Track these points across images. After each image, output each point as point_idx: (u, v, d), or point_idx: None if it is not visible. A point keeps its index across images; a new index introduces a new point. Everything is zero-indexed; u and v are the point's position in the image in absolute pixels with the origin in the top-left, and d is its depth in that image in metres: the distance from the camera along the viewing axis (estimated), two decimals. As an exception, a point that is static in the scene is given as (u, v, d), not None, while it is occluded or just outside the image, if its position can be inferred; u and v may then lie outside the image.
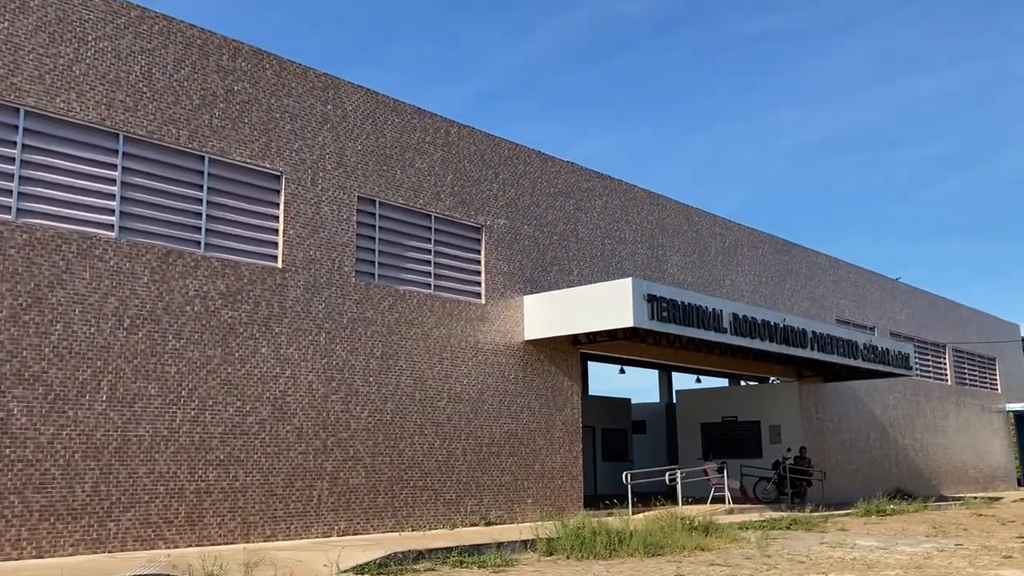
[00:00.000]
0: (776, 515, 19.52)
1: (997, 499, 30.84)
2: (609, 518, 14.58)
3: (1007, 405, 40.10)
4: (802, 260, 27.88)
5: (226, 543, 13.02)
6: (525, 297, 18.56)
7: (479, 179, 18.12)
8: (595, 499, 21.32)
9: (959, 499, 29.16)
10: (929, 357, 34.82)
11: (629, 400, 32.81)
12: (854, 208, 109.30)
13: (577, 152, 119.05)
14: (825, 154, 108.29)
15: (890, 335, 31.98)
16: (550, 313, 18.14)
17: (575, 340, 19.44)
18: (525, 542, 13.13)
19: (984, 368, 39.27)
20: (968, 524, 19.56)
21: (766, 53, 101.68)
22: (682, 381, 37.64)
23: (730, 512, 20.30)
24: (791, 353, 21.03)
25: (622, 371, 29.36)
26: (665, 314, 17.43)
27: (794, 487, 24.14)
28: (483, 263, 17.95)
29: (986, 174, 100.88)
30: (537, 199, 19.35)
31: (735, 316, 19.18)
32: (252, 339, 13.92)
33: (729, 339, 19.06)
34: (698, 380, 32.56)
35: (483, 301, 17.80)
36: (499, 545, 12.59)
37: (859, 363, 23.44)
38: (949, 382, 35.73)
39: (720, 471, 22.40)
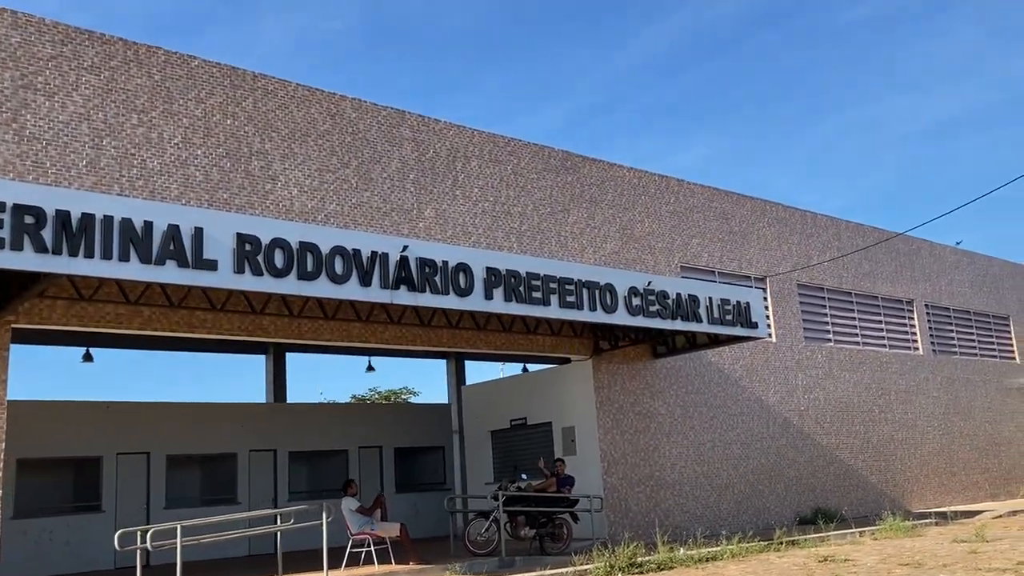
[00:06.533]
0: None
1: (972, 515, 20.79)
2: None
3: (1039, 378, 29.50)
4: (604, 182, 18.74)
5: None
6: None
7: None
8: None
9: (924, 516, 19.53)
10: (881, 317, 24.90)
11: (447, 407, 24.11)
12: (976, 192, 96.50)
13: (680, 161, 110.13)
14: (940, 140, 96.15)
15: (797, 288, 22.40)
16: None
17: None
18: None
19: (990, 330, 28.81)
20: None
21: (867, 41, 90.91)
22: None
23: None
24: (417, 304, 12.21)
25: (88, 357, 18.49)
26: None
27: (542, 526, 15.05)
28: None
29: None
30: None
31: (245, 241, 10.57)
32: None
33: (230, 281, 10.50)
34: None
35: None
36: None
37: (617, 319, 14.34)
38: (920, 351, 25.66)
39: (370, 509, 13.64)
